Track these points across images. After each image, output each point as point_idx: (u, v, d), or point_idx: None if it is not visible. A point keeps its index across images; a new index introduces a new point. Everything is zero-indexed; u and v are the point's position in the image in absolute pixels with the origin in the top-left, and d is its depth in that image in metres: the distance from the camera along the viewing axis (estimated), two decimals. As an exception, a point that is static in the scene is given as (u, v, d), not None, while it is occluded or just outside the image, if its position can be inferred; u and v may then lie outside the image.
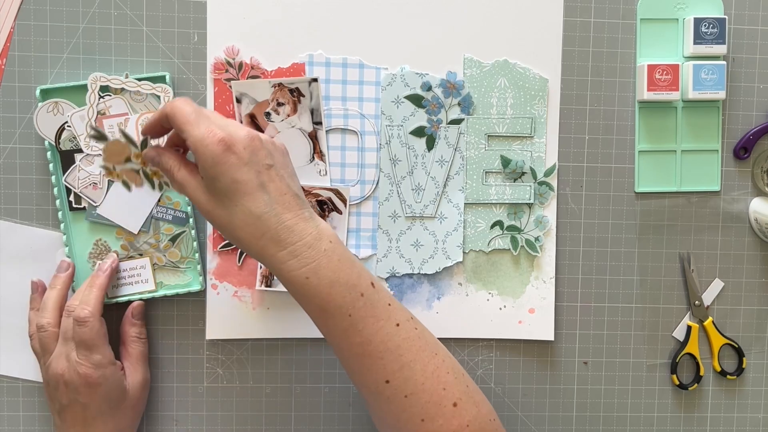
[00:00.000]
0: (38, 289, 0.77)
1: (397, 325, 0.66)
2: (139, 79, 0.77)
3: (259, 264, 0.79)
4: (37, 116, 0.75)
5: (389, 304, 0.67)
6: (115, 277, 0.78)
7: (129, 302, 0.79)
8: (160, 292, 0.79)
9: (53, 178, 0.77)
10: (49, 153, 0.77)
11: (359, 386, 0.68)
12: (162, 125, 0.67)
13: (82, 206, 0.78)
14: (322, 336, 0.68)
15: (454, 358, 0.70)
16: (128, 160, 0.70)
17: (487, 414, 0.68)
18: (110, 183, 0.78)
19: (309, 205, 0.67)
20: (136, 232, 0.79)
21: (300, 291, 0.65)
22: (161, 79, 0.77)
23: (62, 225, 0.77)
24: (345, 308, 0.65)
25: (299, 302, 0.66)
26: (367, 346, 0.65)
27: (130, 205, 0.78)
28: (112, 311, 0.79)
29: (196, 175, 0.66)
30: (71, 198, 0.77)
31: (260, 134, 0.66)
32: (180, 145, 0.70)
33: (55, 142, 0.76)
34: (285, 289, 0.77)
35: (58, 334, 0.73)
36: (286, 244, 0.64)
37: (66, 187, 0.77)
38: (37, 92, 0.76)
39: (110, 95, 0.76)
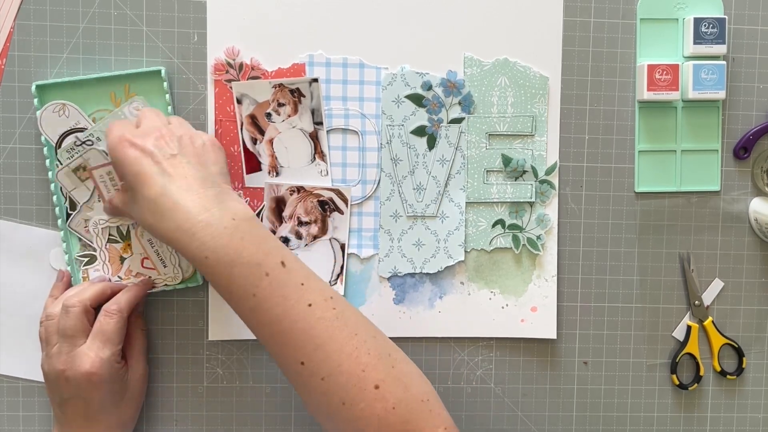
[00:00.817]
0: (63, 278, 0.78)
1: (309, 305, 0.65)
2: (135, 74, 0.77)
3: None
4: (42, 114, 0.75)
5: (302, 284, 0.66)
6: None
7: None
8: (161, 288, 0.79)
9: (50, 174, 0.77)
10: (45, 149, 0.76)
11: (279, 368, 0.68)
12: None
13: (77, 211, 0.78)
14: None
15: (386, 337, 0.68)
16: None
17: (420, 395, 0.66)
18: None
19: (224, 187, 0.68)
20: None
21: (202, 270, 0.65)
22: (156, 74, 0.77)
23: (59, 221, 0.77)
24: (248, 288, 0.64)
25: (209, 282, 0.67)
26: (276, 326, 0.64)
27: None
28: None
29: (122, 189, 0.72)
30: (66, 204, 0.77)
31: (179, 129, 0.70)
32: None
33: (56, 147, 0.76)
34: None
35: None
36: (181, 223, 0.64)
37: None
38: (33, 88, 0.76)
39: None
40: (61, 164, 0.76)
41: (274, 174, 0.80)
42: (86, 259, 0.78)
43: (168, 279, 0.78)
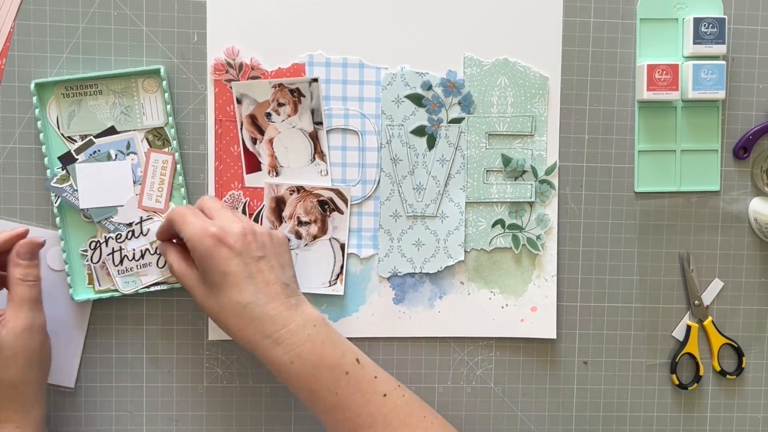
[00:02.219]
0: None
1: (384, 395, 0.70)
2: (132, 74, 0.77)
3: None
4: (50, 104, 0.76)
5: (375, 377, 0.71)
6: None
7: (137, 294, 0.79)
8: (154, 288, 0.79)
9: (48, 172, 0.77)
10: (44, 147, 0.76)
11: None
12: (169, 230, 0.73)
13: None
14: None
15: (442, 417, 0.74)
16: None
17: None
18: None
19: (298, 293, 0.72)
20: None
21: (286, 375, 0.69)
22: (155, 73, 0.77)
23: (57, 219, 0.77)
24: (330, 388, 0.68)
25: (287, 385, 0.70)
26: (356, 419, 0.69)
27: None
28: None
29: (194, 268, 0.71)
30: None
31: (256, 227, 0.71)
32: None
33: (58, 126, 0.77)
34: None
35: None
36: (269, 333, 0.68)
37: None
38: (32, 86, 0.76)
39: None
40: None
41: (274, 174, 0.80)
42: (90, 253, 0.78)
43: (169, 277, 0.78)
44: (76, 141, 0.77)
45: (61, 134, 0.77)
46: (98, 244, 0.78)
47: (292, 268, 0.74)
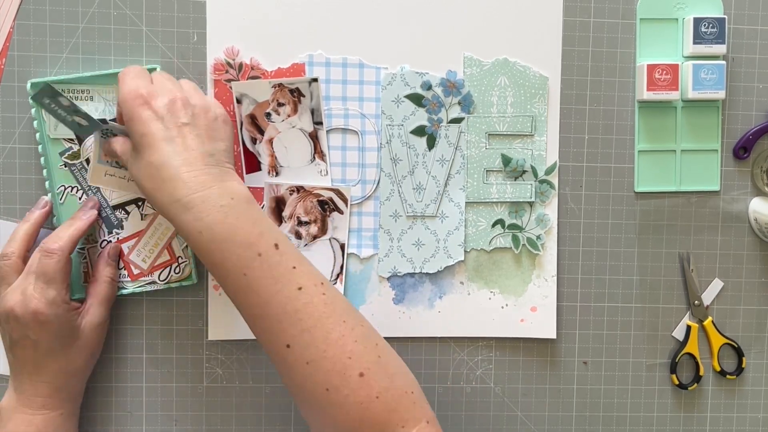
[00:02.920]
0: (45, 206, 0.76)
1: (299, 288, 0.65)
2: None
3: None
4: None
5: (294, 267, 0.66)
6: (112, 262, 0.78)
7: (132, 294, 0.79)
8: (152, 287, 0.79)
9: (44, 173, 0.77)
10: (40, 147, 0.76)
11: (264, 350, 0.67)
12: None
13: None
14: None
15: (373, 327, 0.68)
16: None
17: (403, 386, 0.66)
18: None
19: (227, 167, 0.68)
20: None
21: (194, 245, 0.66)
22: (151, 72, 0.77)
23: (54, 219, 0.77)
24: (239, 267, 0.64)
25: (199, 258, 0.67)
26: (265, 307, 0.65)
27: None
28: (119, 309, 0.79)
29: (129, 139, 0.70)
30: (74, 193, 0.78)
31: (193, 99, 0.69)
32: None
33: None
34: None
35: (20, 267, 0.72)
36: (179, 196, 0.65)
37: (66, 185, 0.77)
38: (28, 86, 0.76)
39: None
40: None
41: (274, 174, 0.79)
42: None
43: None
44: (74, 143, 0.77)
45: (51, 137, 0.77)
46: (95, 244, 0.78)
47: (227, 143, 0.70)
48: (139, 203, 0.78)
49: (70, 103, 0.70)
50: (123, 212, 0.78)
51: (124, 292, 0.78)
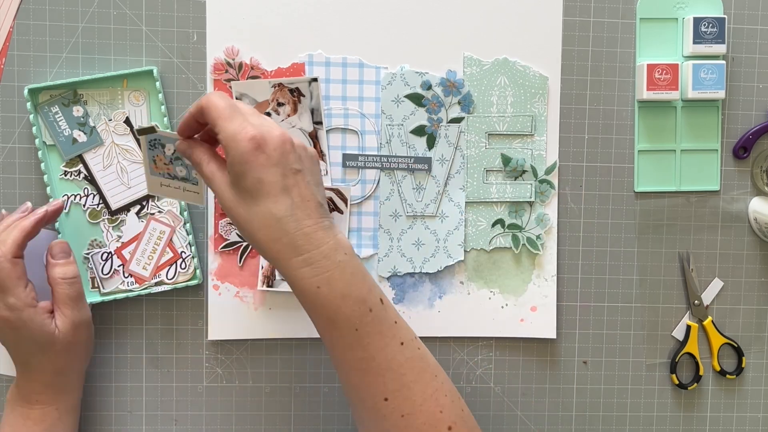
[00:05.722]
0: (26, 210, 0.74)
1: (402, 344, 0.66)
2: (128, 75, 0.77)
3: (261, 264, 0.79)
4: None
5: (395, 322, 0.66)
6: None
7: (126, 299, 0.79)
8: (159, 288, 0.79)
9: (45, 178, 0.77)
10: (40, 153, 0.76)
11: (356, 401, 0.67)
12: (197, 120, 0.66)
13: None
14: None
15: (452, 382, 0.69)
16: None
17: None
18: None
19: (330, 215, 0.66)
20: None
21: (310, 300, 0.64)
22: (148, 74, 0.77)
23: (56, 225, 0.77)
24: (353, 322, 0.64)
25: (308, 311, 0.65)
26: (371, 362, 0.64)
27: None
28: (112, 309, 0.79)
29: (224, 170, 0.65)
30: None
31: (293, 137, 0.65)
32: (212, 142, 0.69)
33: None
34: (287, 290, 0.77)
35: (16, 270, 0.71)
36: (302, 251, 0.63)
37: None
38: (25, 92, 0.76)
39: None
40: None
41: (274, 174, 0.79)
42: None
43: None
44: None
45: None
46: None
47: (324, 188, 0.68)
48: (136, 206, 0.78)
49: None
50: (124, 214, 0.78)
51: (132, 295, 0.78)
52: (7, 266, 0.69)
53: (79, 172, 0.78)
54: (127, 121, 0.78)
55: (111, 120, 0.77)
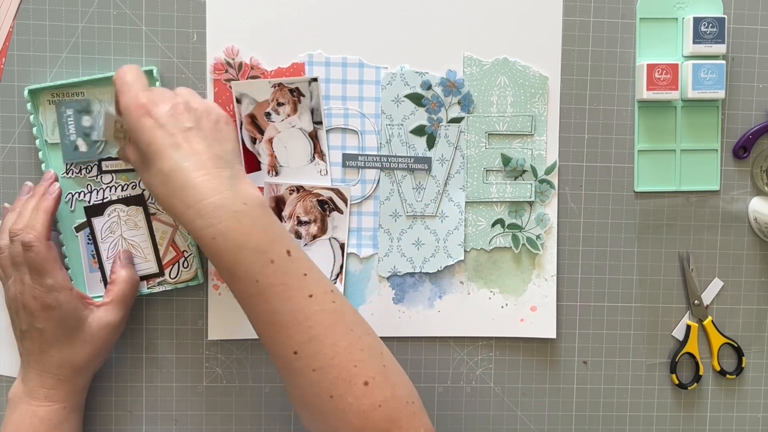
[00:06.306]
0: (5, 214, 0.75)
1: (310, 296, 0.65)
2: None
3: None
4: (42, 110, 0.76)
5: (305, 275, 0.66)
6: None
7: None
8: (162, 287, 0.79)
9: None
10: (41, 153, 0.76)
11: (270, 355, 0.67)
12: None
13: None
14: None
15: (378, 337, 0.69)
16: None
17: (405, 396, 0.66)
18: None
19: (237, 168, 0.68)
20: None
21: (208, 251, 0.65)
22: (148, 74, 0.77)
23: (57, 225, 0.77)
24: (252, 274, 0.64)
25: (212, 263, 0.67)
26: (275, 314, 0.64)
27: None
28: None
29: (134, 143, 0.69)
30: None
31: (193, 102, 0.69)
32: None
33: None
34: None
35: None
36: (192, 202, 0.64)
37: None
38: (25, 93, 0.76)
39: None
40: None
41: (274, 173, 0.79)
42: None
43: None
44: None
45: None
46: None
47: (233, 143, 0.71)
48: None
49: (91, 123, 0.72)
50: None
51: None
52: (42, 249, 0.70)
53: (80, 170, 0.78)
54: None
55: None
